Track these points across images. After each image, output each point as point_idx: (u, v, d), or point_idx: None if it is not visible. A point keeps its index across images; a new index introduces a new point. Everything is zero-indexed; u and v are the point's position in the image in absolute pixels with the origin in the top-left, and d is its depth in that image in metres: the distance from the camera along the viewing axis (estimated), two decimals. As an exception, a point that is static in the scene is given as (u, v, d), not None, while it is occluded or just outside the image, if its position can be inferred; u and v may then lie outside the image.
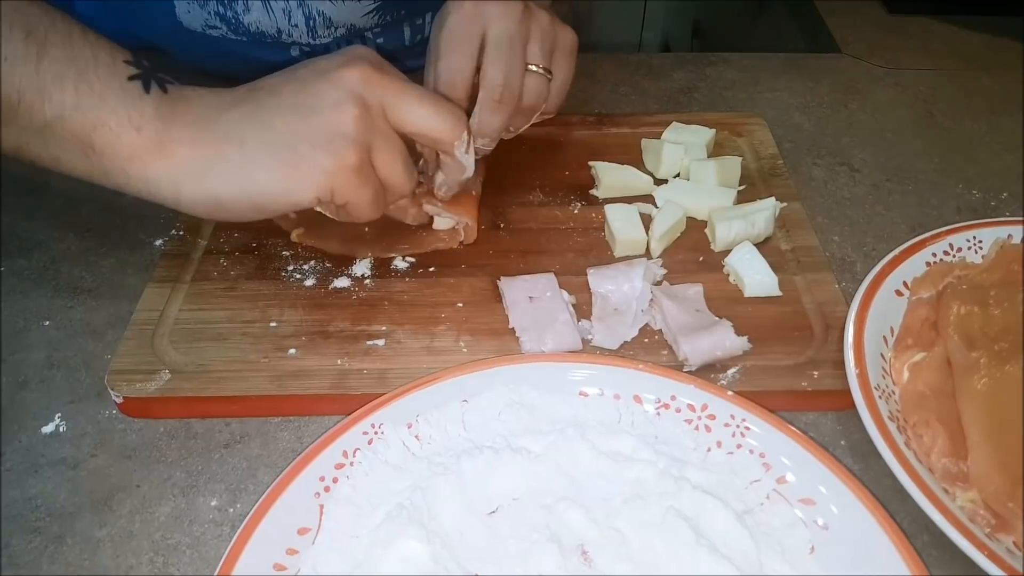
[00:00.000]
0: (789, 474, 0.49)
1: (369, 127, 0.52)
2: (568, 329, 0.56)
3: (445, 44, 0.60)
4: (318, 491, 0.48)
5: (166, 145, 0.49)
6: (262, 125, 0.51)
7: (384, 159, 0.54)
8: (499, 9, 0.60)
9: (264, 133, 0.50)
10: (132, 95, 0.48)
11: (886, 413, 0.51)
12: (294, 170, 0.51)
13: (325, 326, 0.59)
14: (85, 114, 0.47)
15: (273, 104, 0.51)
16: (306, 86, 0.52)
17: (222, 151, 0.50)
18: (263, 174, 0.50)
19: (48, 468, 0.53)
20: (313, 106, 0.51)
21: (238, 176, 0.50)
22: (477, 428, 0.52)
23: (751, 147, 0.75)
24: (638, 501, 0.47)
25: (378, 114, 0.53)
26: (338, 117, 0.51)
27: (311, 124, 0.51)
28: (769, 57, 0.92)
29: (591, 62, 0.90)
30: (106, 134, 0.47)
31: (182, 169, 0.49)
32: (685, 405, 0.52)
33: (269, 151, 0.50)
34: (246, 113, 0.51)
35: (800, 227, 0.66)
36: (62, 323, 0.62)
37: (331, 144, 0.51)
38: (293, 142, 0.51)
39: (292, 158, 0.51)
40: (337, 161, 0.51)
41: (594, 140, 0.76)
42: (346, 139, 0.51)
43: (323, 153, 0.51)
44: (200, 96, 0.51)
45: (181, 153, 0.49)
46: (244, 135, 0.50)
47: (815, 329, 0.58)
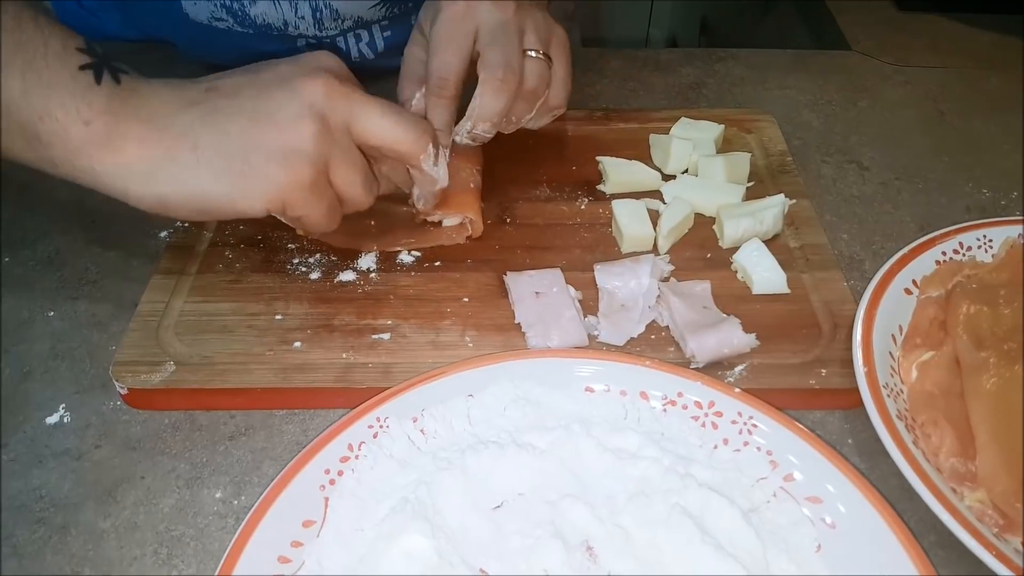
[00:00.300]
0: (796, 472, 0.48)
1: (327, 143, 0.51)
2: (574, 325, 0.56)
3: (436, 42, 0.59)
4: (323, 484, 0.48)
5: (115, 141, 0.47)
6: (217, 130, 0.49)
7: (342, 175, 0.53)
8: (490, 5, 0.59)
9: (218, 139, 0.49)
10: (82, 85, 0.46)
11: (894, 412, 0.51)
12: (245, 180, 0.49)
13: (330, 319, 0.58)
14: (32, 103, 0.45)
15: (231, 108, 0.50)
16: (266, 93, 0.50)
17: (173, 153, 0.48)
18: (213, 181, 0.49)
19: (52, 459, 0.53)
20: (271, 116, 0.50)
21: (187, 181, 0.49)
22: (482, 423, 0.51)
23: (760, 144, 0.75)
24: (643, 498, 0.47)
25: (338, 128, 0.52)
26: (296, 132, 0.50)
27: (266, 135, 0.49)
28: (778, 54, 0.91)
29: (598, 57, 0.90)
30: (53, 125, 0.46)
31: (131, 167, 0.48)
32: (692, 402, 0.52)
33: (221, 158, 0.49)
34: (202, 115, 0.49)
35: (809, 224, 0.66)
36: (67, 314, 0.62)
37: (286, 159, 0.50)
38: (246, 152, 0.49)
39: (244, 168, 0.49)
40: (290, 177, 0.50)
41: (601, 135, 0.76)
42: (302, 155, 0.50)
43: (276, 167, 0.49)
44: (155, 91, 0.49)
45: (130, 151, 0.48)
46: (197, 138, 0.49)
47: (823, 327, 0.58)
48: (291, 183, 0.50)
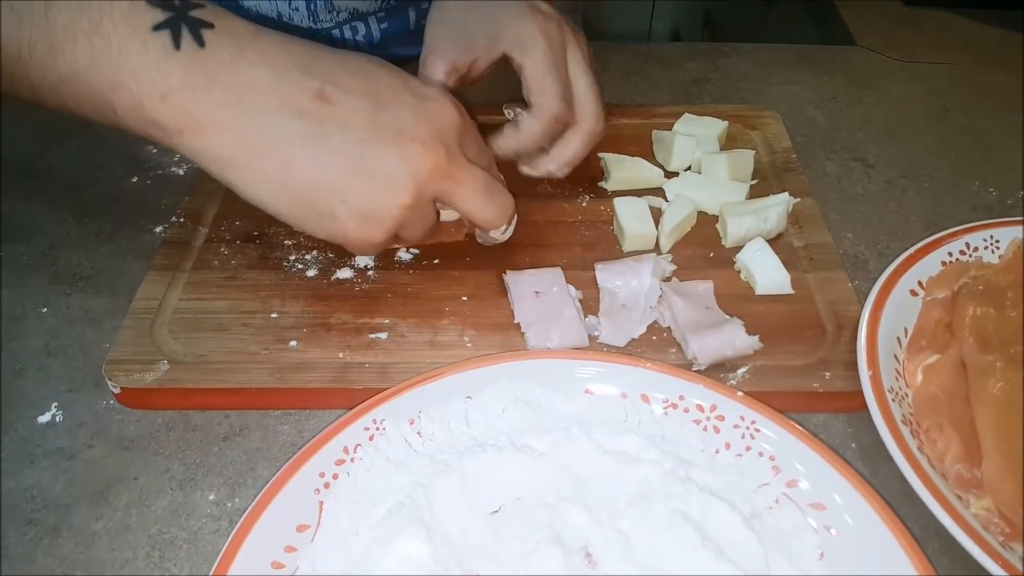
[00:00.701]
0: (799, 478, 0.48)
1: (411, 214, 0.50)
2: (574, 325, 0.55)
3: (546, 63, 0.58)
4: (318, 487, 0.47)
5: (195, 120, 0.43)
6: (316, 159, 0.46)
7: (409, 232, 0.52)
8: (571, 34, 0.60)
9: (313, 169, 0.46)
10: (157, 51, 0.41)
11: (899, 416, 0.50)
12: (320, 221, 0.49)
13: (327, 318, 0.57)
14: (102, 73, 0.41)
15: (337, 142, 0.46)
16: (378, 143, 0.47)
17: (261, 160, 0.45)
18: (290, 206, 0.48)
19: (44, 458, 0.52)
20: (374, 172, 0.48)
21: (266, 192, 0.47)
22: (480, 425, 0.51)
23: (764, 140, 0.74)
24: (643, 502, 0.46)
25: (427, 200, 0.51)
26: (390, 200, 0.48)
27: (360, 189, 0.48)
28: (782, 49, 0.90)
29: (601, 51, 0.88)
30: (127, 98, 0.42)
31: (211, 152, 0.45)
32: (694, 405, 0.51)
33: (308, 190, 0.47)
34: (305, 133, 0.46)
35: (813, 223, 0.65)
36: (60, 310, 0.61)
37: (368, 221, 0.49)
38: (333, 199, 0.47)
39: (325, 210, 0.48)
40: (360, 236, 0.50)
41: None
42: (383, 223, 0.49)
43: (355, 224, 0.49)
44: (249, 68, 0.44)
45: (214, 136, 0.44)
46: (293, 159, 0.46)
47: (827, 329, 0.57)
48: (358, 241, 0.50)
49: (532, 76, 0.59)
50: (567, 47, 0.60)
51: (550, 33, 0.59)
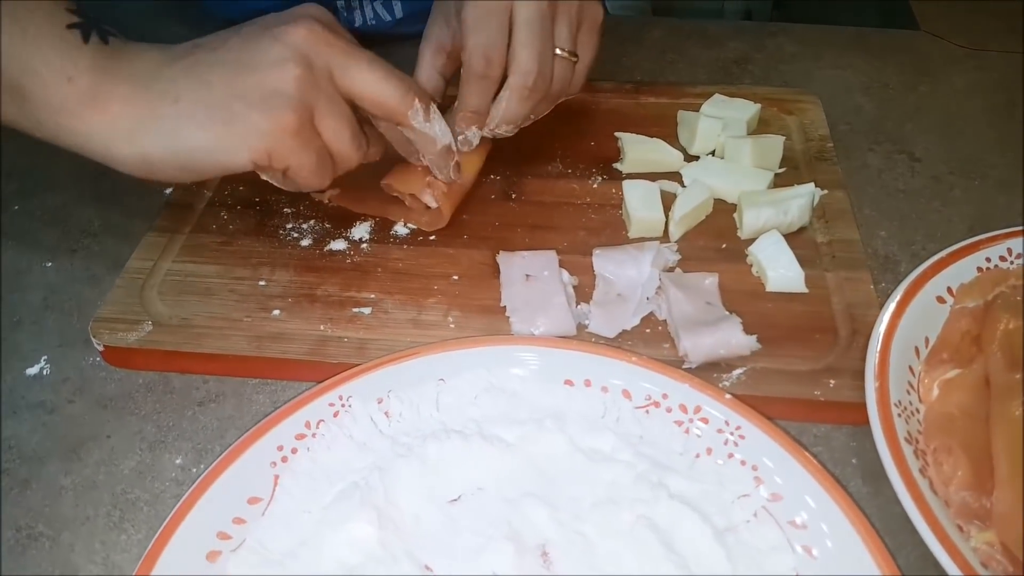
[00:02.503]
0: (782, 492, 0.44)
1: (312, 88, 0.49)
2: (562, 313, 0.52)
3: (475, 19, 0.55)
4: (275, 461, 0.46)
5: (99, 99, 0.46)
6: (198, 81, 0.48)
7: (328, 124, 0.50)
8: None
9: (199, 90, 0.48)
10: (69, 44, 0.46)
11: (903, 434, 0.46)
12: (227, 129, 0.48)
13: (313, 289, 0.56)
14: (16, 59, 0.45)
15: (213, 59, 0.49)
16: (249, 42, 0.49)
17: (156, 108, 0.47)
18: (195, 133, 0.48)
19: (26, 411, 0.53)
20: (253, 63, 0.48)
21: (170, 135, 0.48)
22: (451, 410, 0.49)
23: (800, 127, 0.69)
24: (609, 505, 0.44)
25: (323, 76, 0.50)
26: (278, 75, 0.48)
27: (248, 81, 0.48)
28: (836, 31, 0.84)
29: (640, 26, 0.85)
30: (37, 82, 0.45)
31: (114, 125, 0.47)
32: (677, 405, 0.48)
33: (203, 109, 0.48)
34: (184, 68, 0.48)
35: (841, 218, 0.60)
36: (63, 266, 0.62)
37: (267, 103, 0.48)
38: (228, 100, 0.48)
39: (226, 117, 0.48)
40: (273, 122, 0.48)
41: (627, 109, 0.71)
42: (284, 99, 0.48)
43: (258, 113, 0.48)
44: (141, 52, 0.49)
45: (114, 109, 0.47)
46: (179, 92, 0.48)
47: (840, 333, 0.53)
48: (274, 128, 0.48)
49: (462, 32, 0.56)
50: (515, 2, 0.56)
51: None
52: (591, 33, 0.60)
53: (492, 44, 0.55)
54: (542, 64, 0.56)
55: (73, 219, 0.66)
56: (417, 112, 0.53)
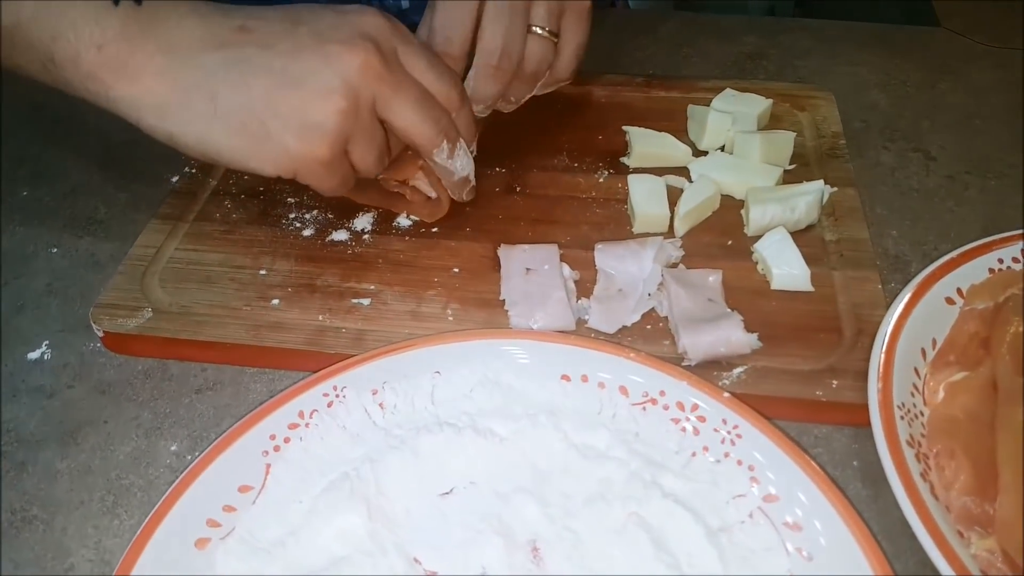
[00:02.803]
0: (778, 492, 0.43)
1: (351, 122, 0.48)
2: (561, 307, 0.51)
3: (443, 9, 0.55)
4: (267, 450, 0.46)
5: (130, 69, 0.45)
6: (239, 83, 0.46)
7: (360, 151, 0.50)
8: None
9: (238, 95, 0.46)
10: (96, 7, 0.44)
11: (904, 436, 0.45)
12: (259, 145, 0.47)
13: (313, 279, 0.56)
14: (43, 24, 0.43)
15: (258, 62, 0.46)
16: (300, 53, 0.47)
17: (189, 96, 0.46)
18: (226, 137, 0.47)
19: (26, 395, 0.53)
20: (299, 82, 0.47)
21: (200, 130, 0.47)
22: (446, 403, 0.48)
23: (812, 123, 0.68)
24: (601, 503, 0.43)
25: (366, 106, 0.48)
26: (321, 106, 0.47)
27: (290, 102, 0.47)
28: (854, 27, 0.83)
29: (654, 19, 0.84)
30: (65, 48, 0.44)
31: (144, 100, 0.46)
32: (674, 403, 0.47)
33: (238, 116, 0.46)
34: (226, 62, 0.46)
35: (851, 217, 0.59)
36: (69, 252, 0.62)
37: (304, 132, 0.47)
38: (265, 116, 0.47)
39: (260, 133, 0.47)
40: (306, 151, 0.48)
41: (636, 103, 0.70)
42: (322, 132, 0.47)
43: (293, 138, 0.47)
44: (180, 19, 0.46)
45: (145, 82, 0.45)
46: (218, 88, 0.46)
47: (845, 332, 0.52)
48: (306, 157, 0.48)
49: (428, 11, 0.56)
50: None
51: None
52: (578, 18, 0.59)
53: (454, 23, 0.55)
54: (508, 42, 0.55)
55: (80, 205, 0.66)
56: (442, 151, 0.53)
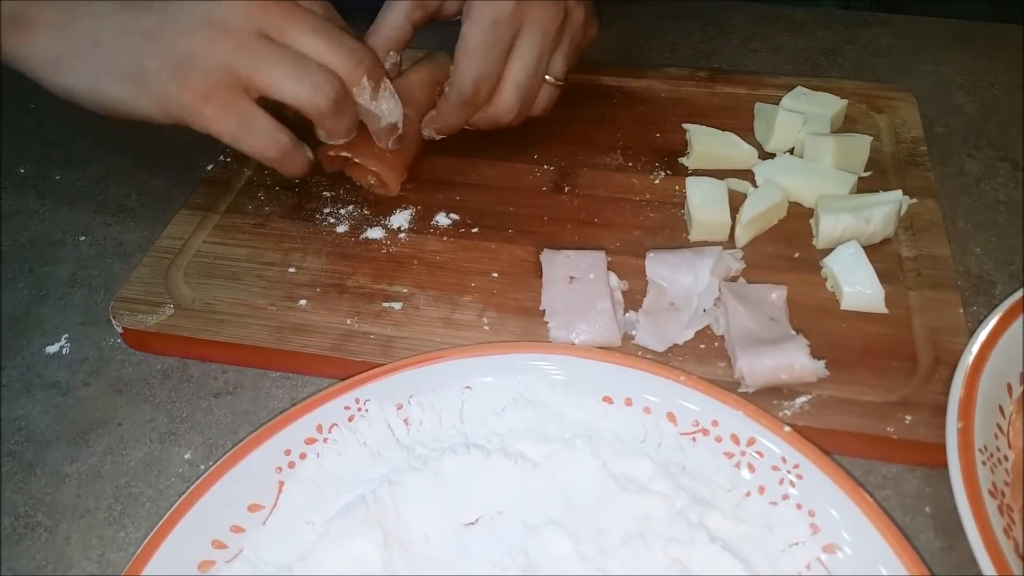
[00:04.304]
0: (841, 544, 0.39)
1: (232, 53, 0.45)
2: (606, 320, 0.47)
3: (476, 45, 0.53)
4: (281, 466, 0.42)
5: (24, 22, 0.44)
6: (122, 28, 0.45)
7: (266, 84, 0.46)
8: (541, 16, 0.53)
9: (120, 38, 0.45)
10: None
11: (986, 485, 0.40)
12: (141, 88, 0.46)
13: (344, 279, 0.53)
14: None
15: (141, 5, 0.45)
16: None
17: (77, 46, 0.45)
18: (112, 84, 0.46)
19: (40, 390, 0.51)
20: (175, 19, 0.45)
21: (89, 79, 0.45)
22: (474, 421, 0.45)
23: (891, 127, 0.62)
24: (639, 543, 0.39)
25: (249, 35, 0.46)
26: (193, 39, 0.45)
27: (164, 40, 0.45)
28: (939, 23, 0.76)
29: (722, 11, 0.79)
30: None
31: (39, 53, 0.45)
32: (728, 435, 0.43)
33: (120, 60, 0.45)
34: (114, 8, 0.45)
35: (931, 231, 0.54)
36: (96, 240, 0.60)
37: (179, 67, 0.45)
38: (142, 57, 0.45)
39: (138, 74, 0.45)
40: (182, 87, 0.45)
41: (699, 99, 0.65)
42: (195, 66, 0.45)
43: (168, 75, 0.45)
44: None
45: (38, 35, 0.45)
46: (102, 34, 0.45)
47: (921, 361, 0.47)
48: (183, 95, 0.46)
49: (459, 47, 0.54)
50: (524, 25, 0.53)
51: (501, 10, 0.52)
52: (578, 56, 0.59)
53: (485, 76, 0.54)
54: (525, 103, 0.56)
55: (111, 192, 0.64)
56: (364, 90, 0.49)
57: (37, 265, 0.58)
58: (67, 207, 0.63)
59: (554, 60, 0.56)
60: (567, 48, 0.56)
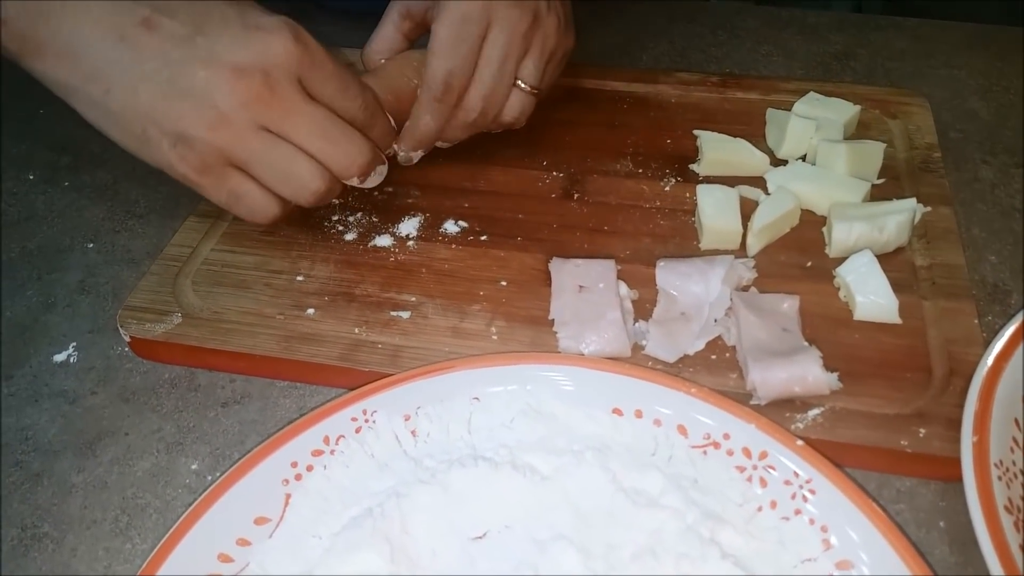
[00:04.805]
0: (855, 560, 0.38)
1: (230, 144, 0.46)
2: (616, 330, 0.47)
3: (446, 40, 0.53)
4: (287, 478, 0.42)
5: (31, 45, 0.45)
6: (130, 86, 0.45)
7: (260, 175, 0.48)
8: (507, 16, 0.53)
9: (128, 96, 0.45)
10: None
11: (1002, 500, 0.39)
12: (144, 147, 0.47)
13: (352, 287, 0.52)
14: None
15: (152, 67, 0.45)
16: (191, 66, 0.45)
17: (87, 86, 0.45)
18: (118, 133, 0.47)
19: (47, 399, 0.50)
20: (181, 93, 0.45)
21: (97, 118, 0.47)
22: (483, 432, 0.44)
23: (904, 133, 0.61)
24: (650, 559, 0.38)
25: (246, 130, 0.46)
26: (195, 121, 0.45)
27: (168, 112, 0.45)
28: (953, 27, 0.76)
29: (733, 14, 0.78)
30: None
31: (49, 75, 0.46)
32: (740, 448, 0.42)
33: (125, 117, 0.46)
34: (122, 60, 0.45)
35: (946, 239, 0.53)
36: (105, 246, 0.60)
37: (180, 144, 0.46)
38: (147, 122, 0.46)
39: (142, 135, 0.46)
40: (178, 163, 0.47)
41: (711, 104, 0.65)
42: (198, 148, 0.46)
43: (168, 146, 0.46)
44: None
45: (49, 60, 0.45)
46: (111, 84, 0.45)
47: (935, 373, 0.46)
48: (180, 168, 0.47)
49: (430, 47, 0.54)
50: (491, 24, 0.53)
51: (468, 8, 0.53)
52: (555, 65, 0.58)
53: (456, 72, 0.53)
54: (490, 104, 0.55)
55: (120, 198, 0.64)
56: (352, 180, 0.51)
57: (45, 272, 0.58)
58: (76, 214, 0.63)
59: (524, 65, 0.56)
60: (538, 54, 0.56)
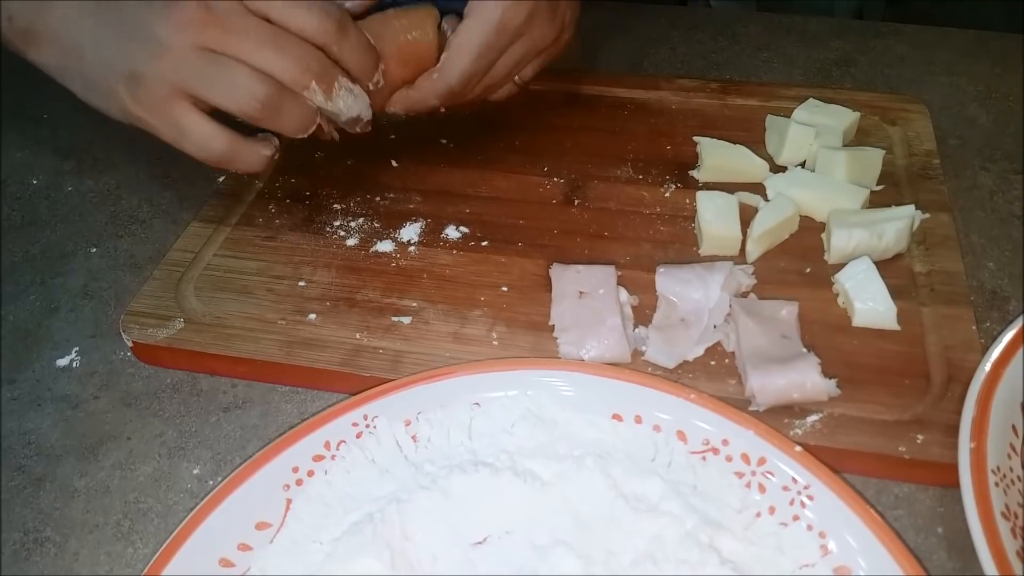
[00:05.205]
0: (852, 566, 0.38)
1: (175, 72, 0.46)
2: (616, 336, 0.47)
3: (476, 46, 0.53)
4: (288, 483, 0.42)
5: (31, 36, 0.47)
6: (95, 43, 0.47)
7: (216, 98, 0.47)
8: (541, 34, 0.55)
9: (95, 54, 0.47)
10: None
11: (999, 507, 0.39)
12: (107, 101, 0.47)
13: (354, 292, 0.53)
14: None
15: (112, 23, 0.47)
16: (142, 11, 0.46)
17: (68, 63, 0.48)
18: (94, 96, 0.48)
19: (50, 404, 0.51)
20: (129, 33, 0.46)
21: (81, 90, 0.48)
22: (483, 438, 0.44)
23: (903, 139, 0.62)
24: (650, 564, 0.39)
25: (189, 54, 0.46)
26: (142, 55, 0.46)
27: (119, 53, 0.46)
28: (953, 33, 0.76)
29: (733, 20, 0.78)
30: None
31: (49, 64, 0.48)
32: (739, 454, 0.42)
33: (94, 75, 0.47)
34: (90, 28, 0.47)
35: (944, 246, 0.53)
36: (108, 251, 0.60)
37: (133, 83, 0.46)
38: (107, 72, 0.47)
39: (105, 88, 0.47)
40: (130, 101, 0.47)
41: (711, 111, 0.65)
42: (149, 82, 0.46)
43: (124, 88, 0.46)
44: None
45: (44, 49, 0.48)
46: (83, 52, 0.47)
47: (934, 379, 0.46)
48: (133, 107, 0.47)
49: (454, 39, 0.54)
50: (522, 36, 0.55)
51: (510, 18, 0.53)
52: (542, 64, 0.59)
53: (476, 75, 0.54)
54: (487, 92, 0.57)
55: (123, 203, 0.64)
56: (315, 93, 0.48)
57: (48, 277, 0.59)
58: (79, 218, 0.63)
59: (528, 69, 0.58)
60: (543, 60, 0.57)
